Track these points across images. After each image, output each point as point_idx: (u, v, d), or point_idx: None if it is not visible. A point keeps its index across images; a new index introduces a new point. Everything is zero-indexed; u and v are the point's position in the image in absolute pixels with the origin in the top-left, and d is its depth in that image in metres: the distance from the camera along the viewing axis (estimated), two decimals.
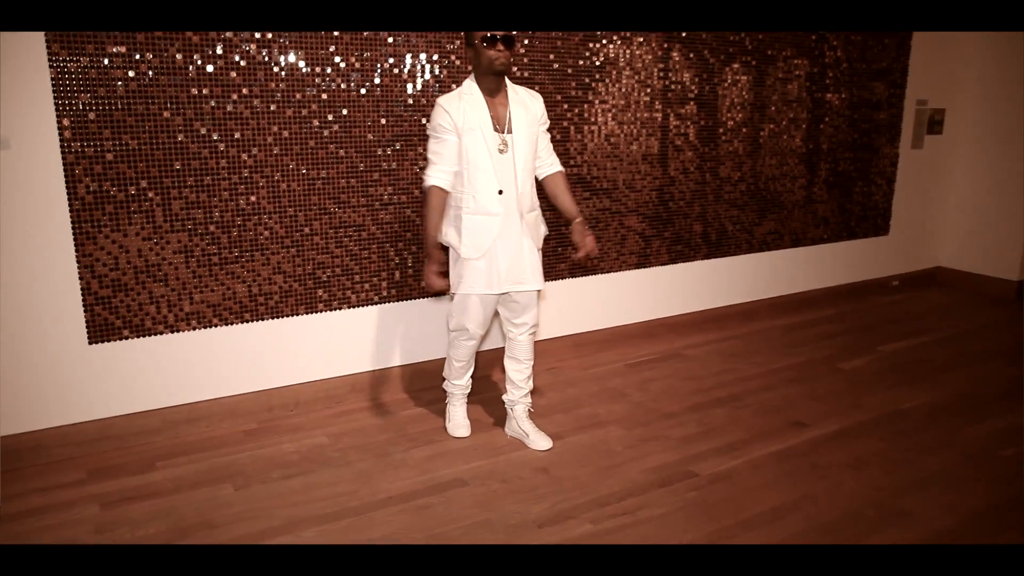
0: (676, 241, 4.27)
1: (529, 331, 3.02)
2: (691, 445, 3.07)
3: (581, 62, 3.70)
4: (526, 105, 2.81)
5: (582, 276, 3.98)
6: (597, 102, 3.80)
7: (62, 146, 2.70)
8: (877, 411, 3.40)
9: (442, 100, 2.76)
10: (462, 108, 2.72)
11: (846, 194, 4.92)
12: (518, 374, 3.07)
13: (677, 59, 4.00)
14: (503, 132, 2.77)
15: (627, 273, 4.14)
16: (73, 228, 2.78)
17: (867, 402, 3.50)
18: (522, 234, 2.86)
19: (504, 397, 3.14)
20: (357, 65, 3.16)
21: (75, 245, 2.79)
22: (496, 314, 3.03)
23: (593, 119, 3.81)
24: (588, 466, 2.89)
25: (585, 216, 3.89)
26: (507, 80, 2.83)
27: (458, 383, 3.15)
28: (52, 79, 2.64)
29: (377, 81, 3.22)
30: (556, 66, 3.63)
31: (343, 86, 3.15)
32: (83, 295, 2.84)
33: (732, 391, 3.62)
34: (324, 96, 3.12)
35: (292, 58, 3.02)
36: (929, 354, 4.14)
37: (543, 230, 2.99)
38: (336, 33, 3.08)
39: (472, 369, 3.16)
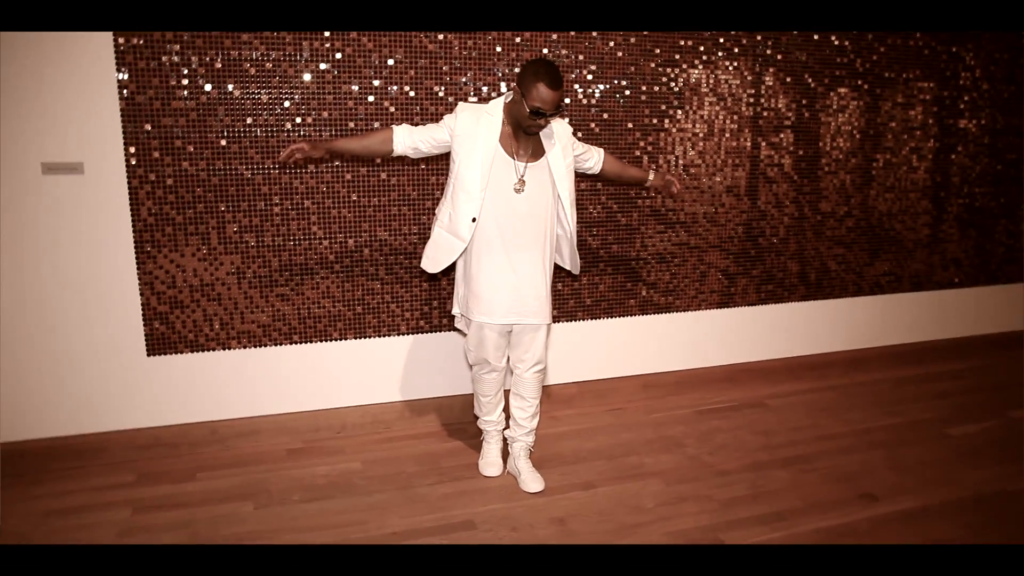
0: (767, 280, 3.92)
1: (533, 368, 2.87)
2: (733, 509, 2.77)
3: (657, 88, 3.49)
4: (555, 135, 2.69)
5: (654, 313, 3.75)
6: (675, 130, 3.57)
7: (128, 171, 2.92)
8: (973, 490, 2.90)
9: (461, 106, 2.68)
10: (475, 120, 2.63)
11: (985, 233, 4.30)
12: (521, 412, 2.94)
13: (770, 83, 3.68)
14: (524, 162, 2.66)
15: (707, 312, 3.85)
16: (135, 247, 2.99)
17: (965, 477, 3.00)
18: (546, 266, 2.77)
19: (506, 432, 3.03)
20: (412, 94, 3.18)
21: (137, 263, 3.00)
22: None
23: (670, 148, 3.58)
24: (609, 522, 2.69)
25: (659, 249, 3.67)
26: None
27: (489, 419, 3.05)
28: (121, 110, 2.87)
29: (431, 110, 3.22)
30: (628, 92, 3.46)
31: (395, 113, 3.18)
32: (143, 310, 3.05)
33: (804, 451, 3.24)
34: (376, 124, 3.16)
35: (344, 86, 3.09)
36: None
37: (577, 262, 2.97)
38: (390, 62, 3.11)
39: (503, 403, 3.05)
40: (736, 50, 3.58)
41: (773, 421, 3.56)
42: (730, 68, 3.59)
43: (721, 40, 3.54)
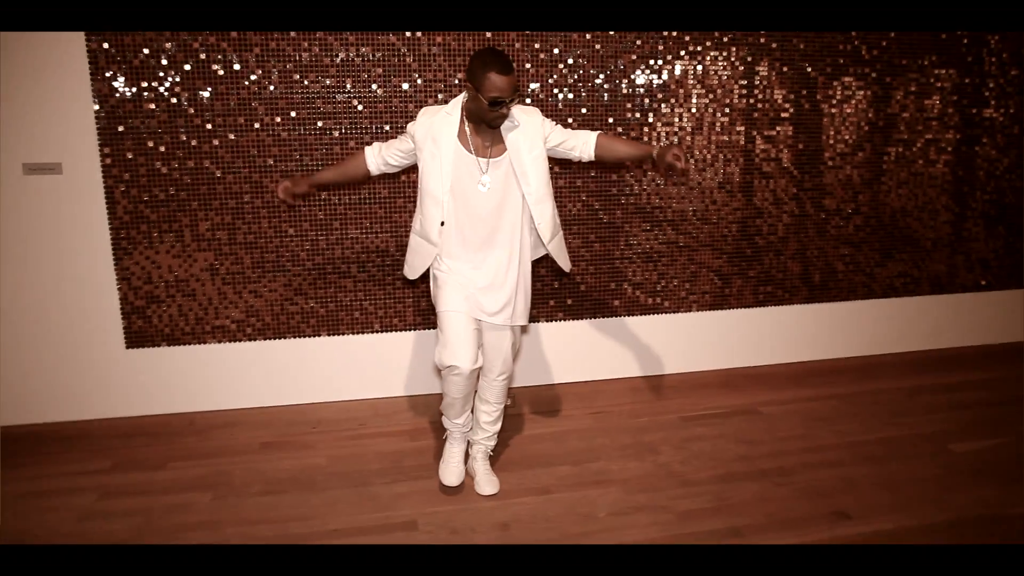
0: (765, 281, 3.73)
1: (499, 376, 2.81)
2: (687, 523, 2.64)
3: (639, 80, 3.38)
4: (520, 128, 2.58)
5: (641, 315, 3.63)
6: (660, 125, 3.45)
7: (103, 171, 3.04)
8: (957, 513, 2.68)
9: (422, 111, 2.64)
10: (431, 125, 2.58)
11: (1016, 232, 3.96)
12: (485, 416, 2.88)
13: (764, 74, 3.50)
14: (486, 157, 2.59)
15: (700, 314, 3.70)
16: (112, 244, 3.11)
17: (956, 499, 2.77)
18: (510, 266, 2.68)
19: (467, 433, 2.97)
20: (380, 93, 3.18)
21: (114, 259, 3.12)
22: None
23: (655, 143, 3.46)
24: (553, 531, 2.61)
25: (645, 248, 3.55)
26: None
27: (456, 421, 2.91)
28: (95, 112, 2.99)
29: (400, 108, 3.21)
30: (607, 86, 3.36)
31: (365, 112, 3.18)
32: (121, 304, 3.17)
33: (784, 463, 3.07)
34: (346, 122, 3.17)
35: (311, 87, 3.12)
36: None
37: (564, 259, 2.87)
38: (358, 60, 3.12)
39: (470, 408, 2.94)
40: (725, 39, 3.42)
41: (761, 430, 3.39)
42: (719, 59, 3.44)
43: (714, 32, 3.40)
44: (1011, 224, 3.96)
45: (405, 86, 3.18)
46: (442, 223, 2.61)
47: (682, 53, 3.40)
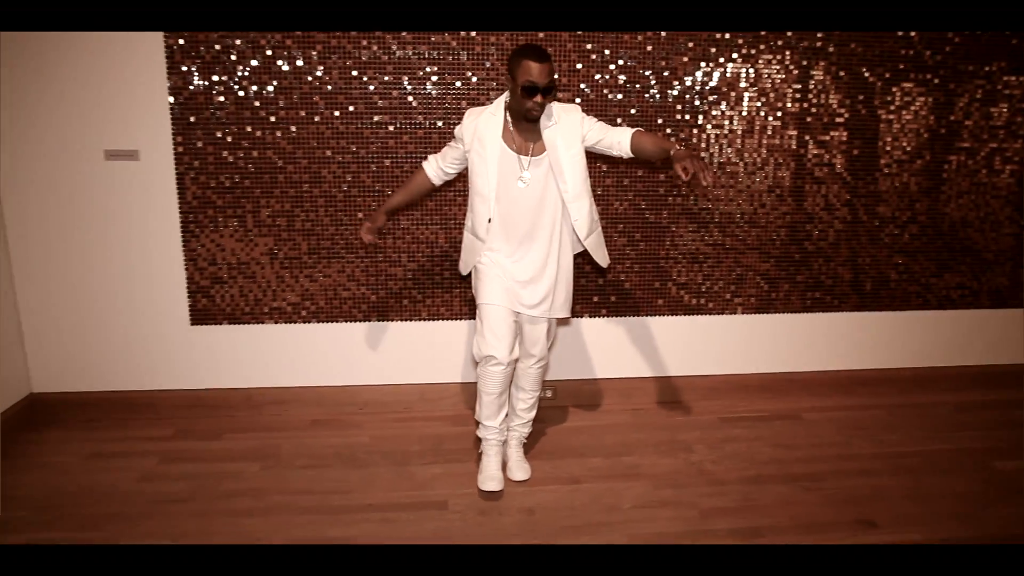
0: (814, 287, 3.69)
1: (536, 363, 2.90)
2: (710, 520, 2.68)
3: (689, 82, 3.40)
4: (560, 127, 2.66)
5: (684, 315, 3.65)
6: (709, 127, 3.46)
7: (175, 159, 3.26)
8: (989, 530, 2.62)
9: (468, 112, 2.75)
10: (476, 126, 2.69)
11: None
12: (520, 403, 2.98)
13: (820, 78, 3.46)
14: (527, 155, 2.68)
15: (745, 317, 3.70)
16: (181, 227, 3.33)
17: (989, 516, 2.71)
18: (548, 260, 2.78)
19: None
20: (434, 93, 3.30)
21: (183, 241, 3.35)
22: None
23: (704, 146, 3.47)
24: (576, 518, 2.69)
25: (691, 249, 3.57)
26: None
27: (490, 425, 2.92)
28: (170, 103, 3.20)
29: (454, 105, 3.32)
30: (657, 87, 3.39)
31: (419, 107, 3.31)
32: (187, 284, 3.39)
33: (817, 468, 3.06)
34: (401, 116, 3.31)
35: (369, 83, 3.26)
36: None
37: (601, 256, 2.92)
38: (414, 58, 3.25)
39: (506, 411, 2.96)
40: (780, 43, 3.40)
41: (799, 435, 3.37)
42: (772, 62, 3.42)
43: (762, 32, 3.38)
44: None
45: (458, 84, 3.29)
46: (489, 220, 2.72)
47: (735, 56, 3.40)
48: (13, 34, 3.07)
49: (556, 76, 2.82)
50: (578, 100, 3.36)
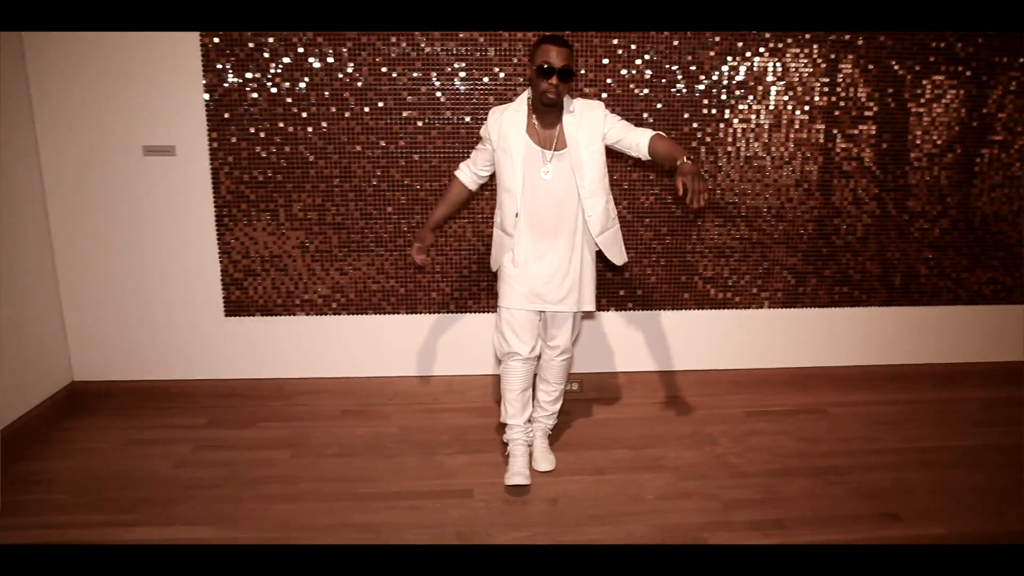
0: (842, 282, 3.68)
1: (560, 354, 2.94)
2: (732, 511, 2.70)
3: (716, 76, 3.40)
4: (581, 122, 2.70)
5: (711, 308, 3.66)
6: (736, 121, 3.46)
7: (211, 154, 3.35)
8: (1008, 526, 2.60)
9: (491, 112, 2.81)
10: (500, 123, 2.74)
11: None
12: (545, 395, 3.02)
13: (848, 71, 3.44)
14: (550, 149, 2.72)
15: (772, 311, 3.69)
16: (216, 221, 3.42)
17: (1010, 512, 2.69)
18: (573, 255, 2.81)
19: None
20: (462, 89, 3.35)
21: (217, 234, 3.44)
22: None
23: (731, 140, 3.48)
24: (599, 508, 2.72)
25: (717, 243, 3.57)
26: (565, 99, 2.74)
27: (515, 423, 2.97)
28: (205, 101, 3.29)
29: (482, 101, 3.37)
30: (683, 82, 3.40)
31: (447, 103, 3.36)
32: (222, 276, 3.48)
33: (842, 462, 3.05)
34: (430, 112, 3.36)
35: (399, 79, 3.32)
36: None
37: (615, 253, 2.88)
38: (443, 54, 3.30)
39: (529, 409, 3.01)
40: (807, 36, 3.39)
41: (824, 429, 3.37)
42: (800, 55, 3.41)
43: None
44: None
45: (486, 79, 3.34)
46: (516, 215, 2.76)
47: (761, 50, 3.40)
48: (56, 36, 3.18)
49: (577, 67, 2.82)
50: (604, 95, 3.38)
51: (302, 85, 3.30)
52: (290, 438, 3.30)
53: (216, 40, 3.23)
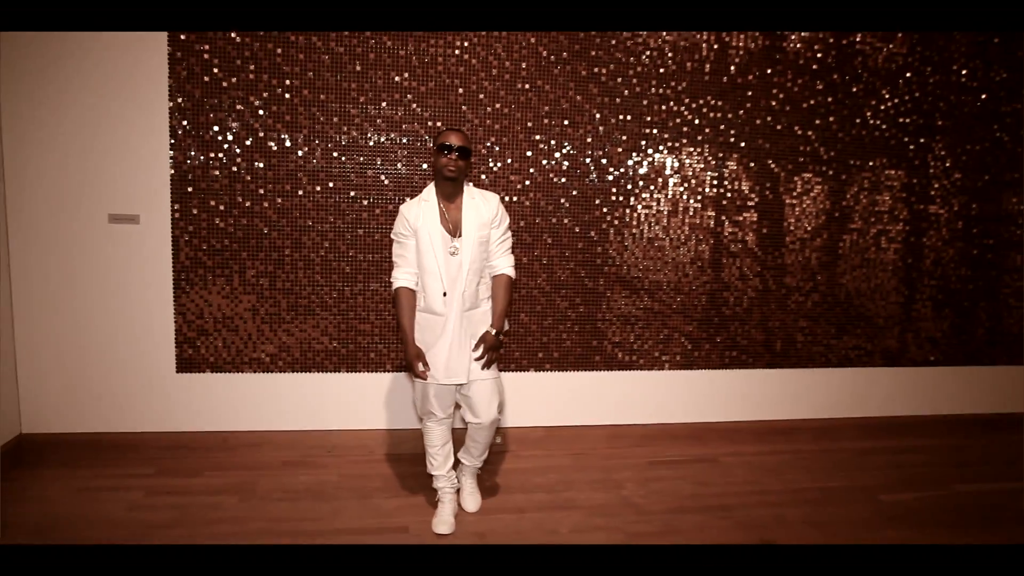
0: (731, 347, 4.24)
1: (487, 421, 3.19)
2: (634, 542, 3.11)
3: (623, 169, 3.98)
4: (478, 208, 3.08)
5: (619, 370, 4.15)
6: (640, 207, 4.03)
7: (172, 223, 3.69)
8: (871, 542, 3.11)
9: (403, 207, 3.11)
10: (417, 213, 3.06)
11: (962, 314, 4.44)
12: (474, 447, 3.32)
13: (733, 167, 4.09)
14: (455, 236, 3.06)
15: (672, 373, 4.21)
16: (174, 284, 3.74)
17: (872, 538, 3.20)
18: (462, 331, 3.09)
19: (458, 454, 3.41)
20: (404, 172, 3.81)
21: (174, 296, 3.75)
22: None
23: (636, 223, 4.04)
24: (522, 541, 3.10)
25: (624, 312, 4.08)
26: (466, 185, 3.12)
27: (440, 473, 3.29)
28: (170, 175, 3.65)
29: (421, 184, 3.84)
30: (596, 173, 3.96)
31: (390, 185, 3.81)
32: (175, 335, 3.78)
33: (728, 501, 3.53)
34: (374, 192, 3.80)
35: (347, 163, 3.76)
36: (1018, 502, 3.60)
37: (487, 326, 3.14)
38: (387, 143, 3.77)
39: (452, 459, 3.34)
40: (699, 137, 4.03)
41: (716, 475, 3.85)
42: (694, 154, 4.04)
43: (684, 129, 4.01)
44: (957, 308, 4.44)
45: (424, 166, 3.82)
46: (444, 294, 3.07)
47: (661, 147, 4.01)
48: (33, 105, 3.51)
49: (471, 150, 3.09)
50: (527, 182, 3.90)
51: (260, 165, 3.71)
52: (237, 485, 3.56)
53: (185, 123, 3.62)
